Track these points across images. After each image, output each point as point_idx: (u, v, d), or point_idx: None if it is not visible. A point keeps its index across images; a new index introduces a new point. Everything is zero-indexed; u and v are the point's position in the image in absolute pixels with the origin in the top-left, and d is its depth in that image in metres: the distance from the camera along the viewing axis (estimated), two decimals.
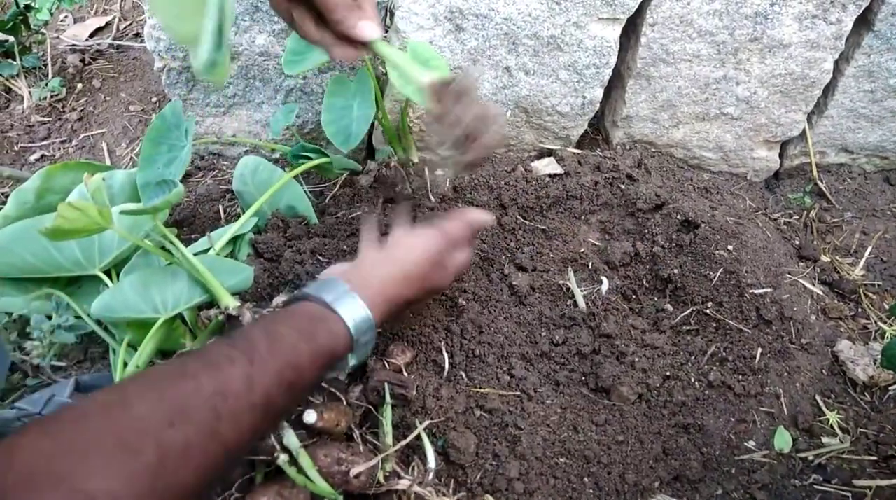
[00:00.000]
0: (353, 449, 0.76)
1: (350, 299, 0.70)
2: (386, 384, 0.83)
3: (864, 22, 1.14)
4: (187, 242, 0.97)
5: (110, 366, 0.92)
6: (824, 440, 0.96)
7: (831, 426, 0.97)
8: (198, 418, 0.51)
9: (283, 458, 0.73)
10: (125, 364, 0.85)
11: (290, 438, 0.73)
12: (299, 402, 0.68)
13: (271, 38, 1.13)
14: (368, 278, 0.75)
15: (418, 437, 0.82)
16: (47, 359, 0.92)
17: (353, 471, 0.74)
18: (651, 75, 1.20)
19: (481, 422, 0.88)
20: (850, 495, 0.90)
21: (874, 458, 0.94)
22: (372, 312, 0.71)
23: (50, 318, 0.94)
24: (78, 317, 0.94)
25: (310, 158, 1.09)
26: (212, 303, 0.87)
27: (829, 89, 1.24)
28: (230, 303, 0.84)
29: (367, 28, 0.68)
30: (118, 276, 0.95)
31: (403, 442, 0.79)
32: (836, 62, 1.18)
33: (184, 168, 1.00)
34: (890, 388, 1.02)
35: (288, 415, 0.73)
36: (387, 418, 0.81)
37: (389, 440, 0.79)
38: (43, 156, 1.37)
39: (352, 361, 0.73)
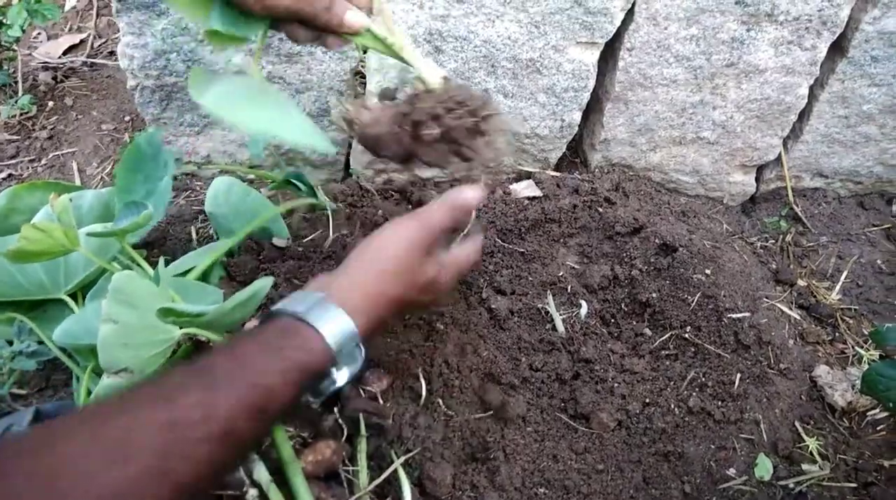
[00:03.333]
0: (332, 490, 0.73)
1: (324, 306, 0.63)
2: (361, 414, 0.81)
3: (839, 48, 1.16)
4: (157, 265, 0.94)
5: (73, 394, 0.89)
6: (804, 466, 0.95)
7: (811, 453, 0.96)
8: (141, 456, 0.45)
9: (252, 493, 0.70)
10: (89, 392, 0.82)
11: (261, 471, 0.71)
12: (270, 427, 0.60)
13: (248, 58, 1.11)
14: (345, 283, 0.67)
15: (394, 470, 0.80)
16: (6, 387, 0.89)
17: None
18: (629, 99, 1.20)
19: (459, 452, 0.86)
20: None
21: (854, 485, 0.94)
22: (353, 317, 0.63)
23: (11, 343, 0.90)
24: (41, 342, 0.91)
25: (298, 187, 1.08)
26: None
27: (804, 114, 1.25)
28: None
29: (353, 17, 0.67)
30: (84, 299, 0.92)
31: (378, 480, 0.76)
32: (811, 88, 1.20)
33: (165, 204, 0.96)
34: (868, 413, 1.01)
35: (258, 443, 0.67)
36: (362, 451, 0.79)
37: (364, 476, 0.77)
38: (10, 175, 1.34)
39: (341, 376, 0.66)
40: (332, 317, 0.62)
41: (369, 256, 0.70)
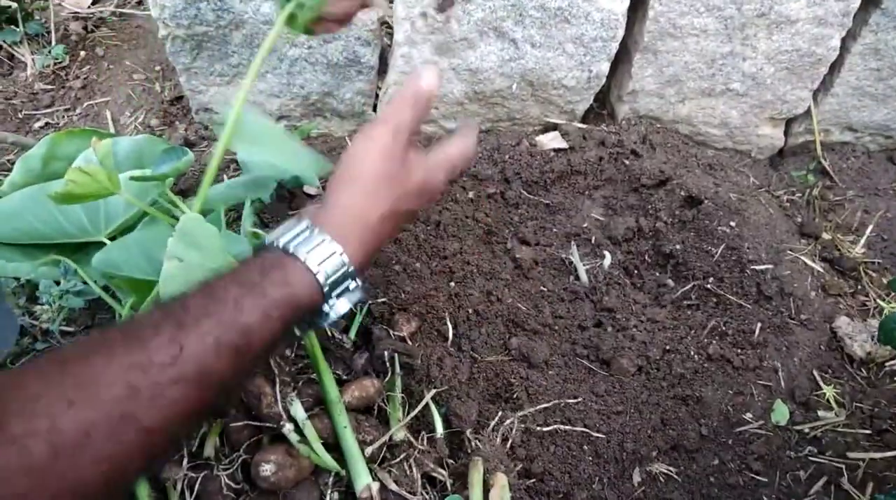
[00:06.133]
0: (370, 421, 0.77)
1: (310, 236, 0.58)
2: (395, 354, 0.85)
3: None
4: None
5: None
6: (820, 413, 0.97)
7: (827, 400, 0.99)
8: (106, 399, 0.42)
9: (288, 427, 0.74)
10: None
11: (297, 409, 0.75)
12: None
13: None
14: (330, 209, 0.62)
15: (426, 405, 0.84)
16: (56, 324, 0.93)
17: (369, 450, 0.75)
18: (658, 50, 1.19)
19: (484, 391, 0.89)
20: (843, 466, 0.92)
21: (868, 431, 0.96)
22: (341, 243, 0.58)
23: (58, 283, 0.94)
24: (85, 283, 0.95)
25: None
26: None
27: (835, 67, 1.24)
28: None
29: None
30: None
31: (413, 413, 0.80)
32: (843, 39, 1.18)
33: None
34: (886, 364, 1.03)
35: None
36: (396, 389, 0.83)
37: (399, 412, 0.81)
38: (47, 124, 1.37)
39: (339, 305, 0.60)
40: (316, 245, 0.57)
41: (347, 175, 0.64)
